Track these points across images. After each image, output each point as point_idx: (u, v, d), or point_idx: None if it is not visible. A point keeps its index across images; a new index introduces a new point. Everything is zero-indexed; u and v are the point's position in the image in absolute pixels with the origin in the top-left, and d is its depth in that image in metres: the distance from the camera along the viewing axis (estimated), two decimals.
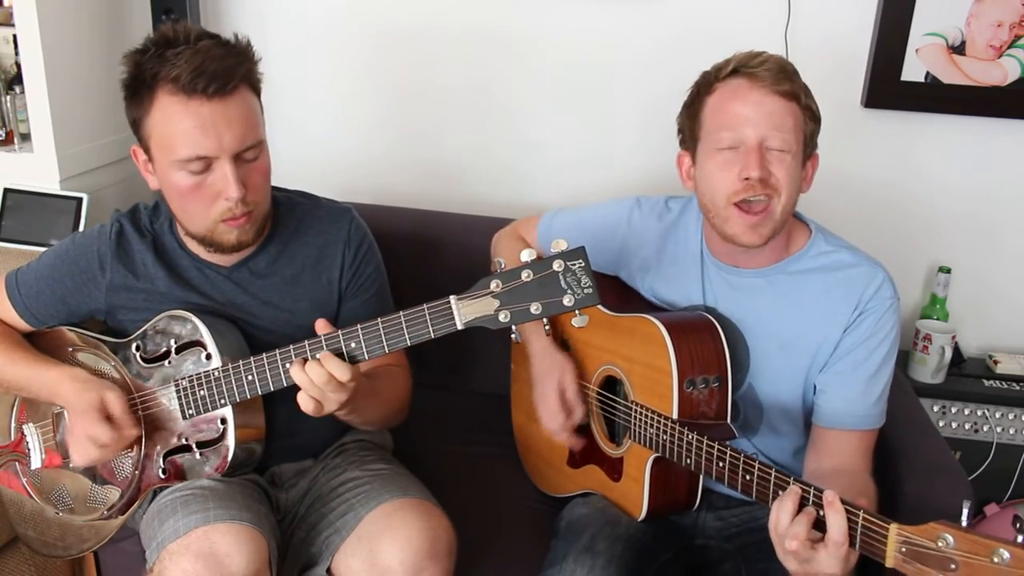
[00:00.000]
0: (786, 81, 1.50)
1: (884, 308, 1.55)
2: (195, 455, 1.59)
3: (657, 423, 1.52)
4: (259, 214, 1.57)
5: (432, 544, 1.52)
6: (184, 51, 1.45)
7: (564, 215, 1.88)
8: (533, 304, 1.30)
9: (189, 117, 1.45)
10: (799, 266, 1.60)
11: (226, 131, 1.46)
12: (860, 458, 1.56)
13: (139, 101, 1.50)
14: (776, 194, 1.50)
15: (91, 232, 1.69)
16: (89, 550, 1.73)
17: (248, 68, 1.52)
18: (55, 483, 1.73)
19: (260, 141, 1.53)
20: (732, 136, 1.51)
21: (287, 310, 1.67)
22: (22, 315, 1.71)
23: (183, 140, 1.46)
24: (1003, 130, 2.35)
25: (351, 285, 1.72)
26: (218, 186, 1.49)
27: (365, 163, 2.65)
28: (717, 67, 1.56)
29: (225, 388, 1.53)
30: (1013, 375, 2.39)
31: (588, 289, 1.29)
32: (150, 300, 1.64)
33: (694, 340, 1.54)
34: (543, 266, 1.29)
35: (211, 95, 1.44)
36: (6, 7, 2.29)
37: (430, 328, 1.36)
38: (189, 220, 1.56)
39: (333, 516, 1.62)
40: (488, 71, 2.52)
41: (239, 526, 1.47)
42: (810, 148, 1.57)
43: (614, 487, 1.68)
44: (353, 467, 1.71)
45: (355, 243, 1.72)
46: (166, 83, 1.45)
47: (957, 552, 1.06)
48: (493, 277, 1.31)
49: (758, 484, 1.33)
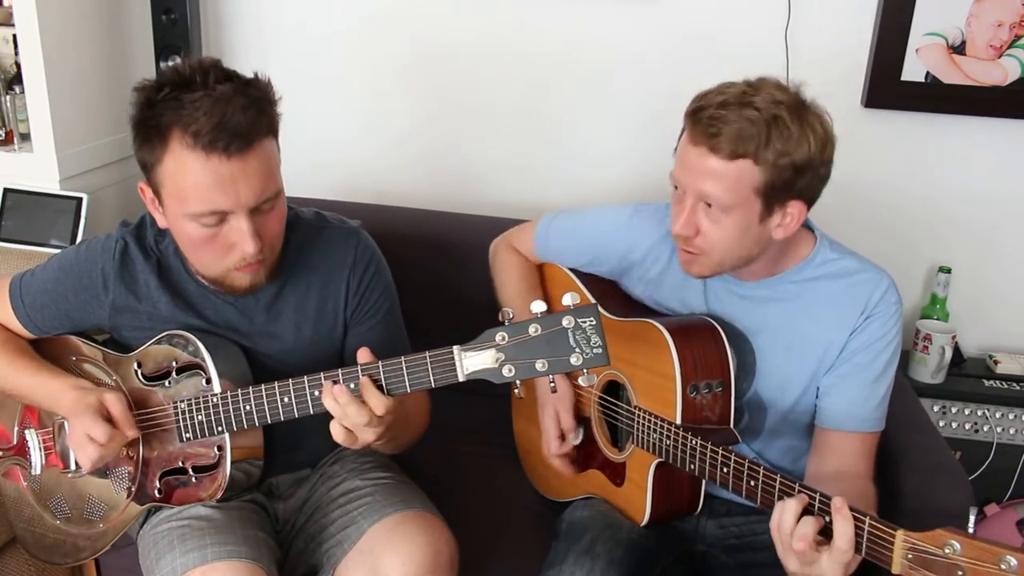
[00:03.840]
0: (729, 144, 1.40)
1: (889, 313, 1.55)
2: (191, 478, 1.57)
3: (660, 428, 1.52)
4: (272, 259, 1.53)
5: (435, 558, 1.51)
6: (202, 99, 1.35)
7: (561, 221, 1.85)
8: (539, 361, 1.27)
9: (207, 175, 1.36)
10: (805, 275, 1.59)
11: (244, 187, 1.39)
12: (862, 461, 1.56)
13: (150, 147, 1.41)
14: (703, 253, 1.50)
15: (96, 246, 1.64)
16: (86, 559, 1.73)
17: (270, 117, 1.44)
18: (54, 492, 1.73)
19: (278, 192, 1.47)
20: (677, 179, 1.51)
21: (289, 343, 1.64)
22: (24, 324, 1.69)
23: (198, 195, 1.38)
24: (1003, 130, 2.35)
25: (357, 312, 1.67)
26: (233, 238, 1.43)
27: (368, 162, 2.64)
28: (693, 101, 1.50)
29: (223, 416, 1.50)
30: (1013, 375, 2.39)
31: (597, 349, 1.26)
32: (153, 321, 1.61)
33: (697, 345, 1.54)
34: (552, 322, 1.26)
35: (231, 154, 1.36)
36: (6, 7, 2.28)
37: (431, 376, 1.33)
38: (200, 266, 1.52)
39: (334, 528, 1.60)
40: (489, 71, 2.52)
41: (238, 564, 1.46)
42: (781, 196, 1.45)
43: (617, 492, 1.68)
44: (353, 476, 1.69)
45: (360, 268, 1.66)
46: (183, 135, 1.36)
47: (964, 559, 1.06)
48: (499, 329, 1.29)
49: (763, 490, 1.33)
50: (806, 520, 1.23)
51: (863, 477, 1.54)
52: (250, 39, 2.60)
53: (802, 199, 1.47)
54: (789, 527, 1.24)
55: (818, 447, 1.59)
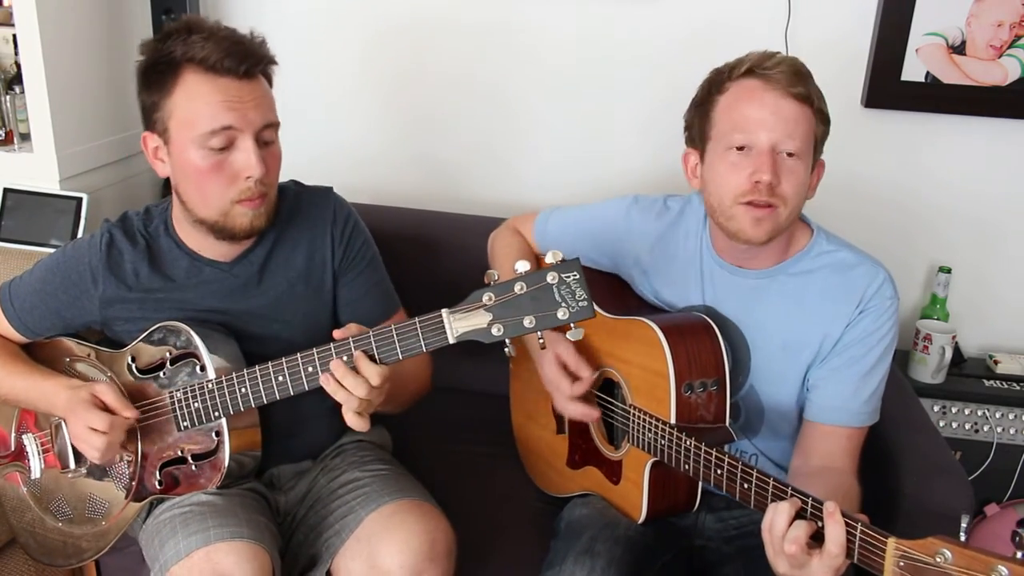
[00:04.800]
0: (800, 84, 1.49)
1: (884, 307, 1.55)
2: (191, 467, 1.59)
3: (655, 427, 1.52)
4: (272, 198, 1.59)
5: (431, 546, 1.52)
6: (210, 36, 1.48)
7: (560, 213, 1.88)
8: (526, 318, 1.29)
9: (217, 92, 1.47)
10: (801, 267, 1.60)
11: (252, 107, 1.49)
12: (847, 457, 1.55)
13: (160, 83, 1.50)
14: (782, 203, 1.50)
15: (82, 244, 1.68)
16: (89, 560, 1.74)
17: (268, 59, 1.55)
18: (54, 495, 1.74)
19: (278, 124, 1.57)
20: (744, 138, 1.50)
21: (283, 303, 1.68)
22: (16, 328, 1.71)
23: (209, 113, 1.47)
24: (1003, 130, 2.35)
25: (344, 260, 1.72)
26: (238, 165, 1.50)
27: (363, 162, 2.64)
28: (730, 66, 1.55)
29: (219, 400, 1.53)
30: (1013, 375, 2.39)
31: (583, 302, 1.28)
32: (145, 309, 1.63)
33: (692, 343, 1.54)
34: (537, 279, 1.29)
35: (240, 75, 1.48)
36: (6, 7, 2.28)
37: (422, 342, 1.36)
38: (204, 202, 1.55)
39: (333, 518, 1.62)
40: (488, 70, 2.52)
41: (240, 543, 1.47)
42: (818, 152, 1.56)
43: (613, 489, 1.68)
44: (353, 468, 1.71)
45: (341, 221, 1.73)
46: (193, 63, 1.47)
47: (955, 568, 1.05)
48: (486, 290, 1.31)
49: (756, 492, 1.33)
50: (798, 524, 1.23)
51: (848, 473, 1.53)
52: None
53: (821, 164, 1.58)
54: (781, 530, 1.24)
55: (804, 440, 1.59)
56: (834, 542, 1.19)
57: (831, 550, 1.19)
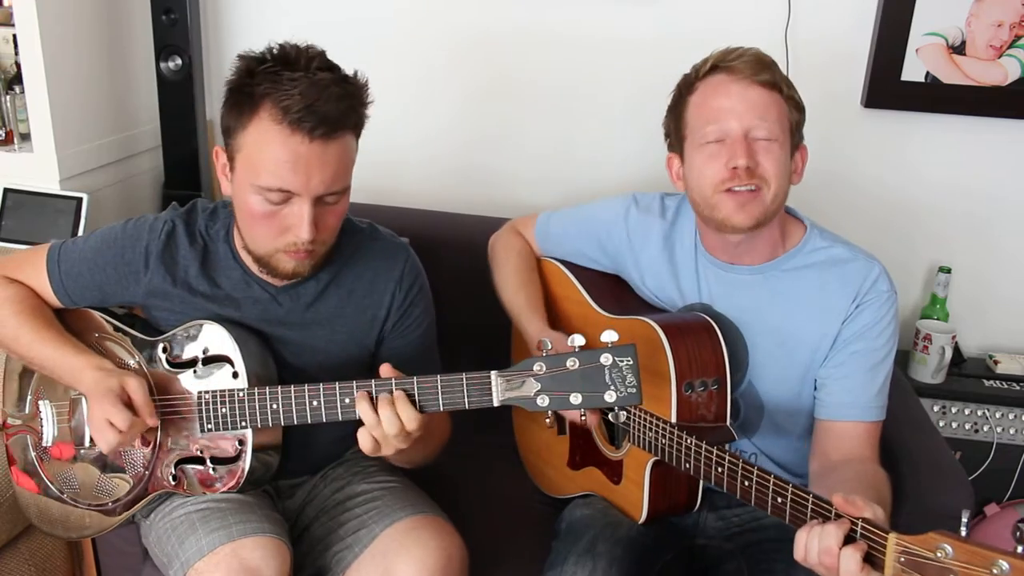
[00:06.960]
0: (765, 71, 1.52)
1: (881, 300, 1.56)
2: (208, 469, 1.57)
3: (656, 427, 1.52)
4: (321, 252, 1.54)
5: (447, 563, 1.51)
6: (301, 79, 1.39)
7: (561, 215, 1.88)
8: (574, 394, 1.29)
9: (285, 151, 1.39)
10: (795, 263, 1.60)
11: (316, 174, 1.41)
12: (867, 448, 1.55)
13: (238, 112, 1.44)
14: (765, 184, 1.50)
15: (143, 225, 1.63)
16: (89, 536, 1.72)
17: (359, 115, 1.48)
18: (64, 468, 1.70)
19: (346, 188, 1.50)
20: (717, 129, 1.51)
21: (321, 344, 1.64)
22: (55, 291, 1.66)
23: (270, 169, 1.41)
24: (1003, 130, 2.35)
25: (398, 325, 1.67)
26: (290, 220, 1.45)
27: (362, 163, 2.63)
28: (696, 67, 1.58)
29: (248, 411, 1.50)
30: (1013, 375, 2.39)
31: (632, 388, 1.28)
32: (186, 306, 1.60)
33: (692, 343, 1.54)
34: (590, 357, 1.28)
35: (314, 137, 1.39)
36: (6, 7, 2.28)
37: (466, 399, 1.36)
38: (251, 240, 1.53)
39: (344, 531, 1.61)
40: (487, 71, 2.52)
41: (266, 539, 1.47)
42: (796, 138, 1.57)
43: (614, 490, 1.68)
44: (358, 479, 1.70)
45: (408, 283, 1.67)
46: (273, 108, 1.39)
47: (956, 563, 1.05)
48: (538, 360, 1.31)
49: (757, 490, 1.33)
50: (852, 555, 1.16)
51: (871, 461, 1.53)
52: (250, 39, 2.58)
53: (803, 149, 1.60)
54: (834, 551, 1.18)
55: (820, 439, 1.58)
56: None
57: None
